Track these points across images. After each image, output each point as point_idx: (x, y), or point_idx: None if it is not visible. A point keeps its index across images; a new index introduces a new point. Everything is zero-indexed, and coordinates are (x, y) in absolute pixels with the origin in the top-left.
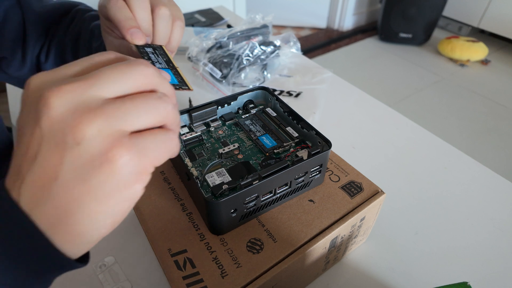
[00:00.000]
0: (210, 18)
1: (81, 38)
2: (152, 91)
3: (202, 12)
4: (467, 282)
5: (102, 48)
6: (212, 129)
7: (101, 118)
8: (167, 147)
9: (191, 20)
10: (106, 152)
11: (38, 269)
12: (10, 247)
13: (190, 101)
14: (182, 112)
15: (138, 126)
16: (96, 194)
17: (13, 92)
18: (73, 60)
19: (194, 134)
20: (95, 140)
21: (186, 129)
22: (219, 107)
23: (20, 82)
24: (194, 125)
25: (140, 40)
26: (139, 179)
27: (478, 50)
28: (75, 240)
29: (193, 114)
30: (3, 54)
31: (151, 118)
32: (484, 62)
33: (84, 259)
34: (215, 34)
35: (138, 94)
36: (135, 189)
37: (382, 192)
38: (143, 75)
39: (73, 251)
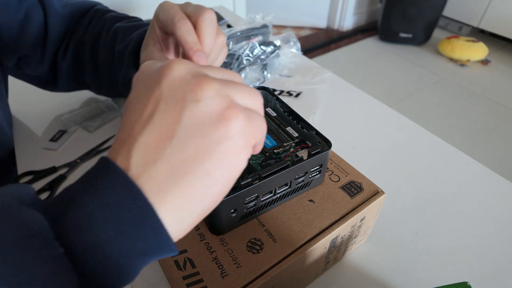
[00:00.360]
0: None
1: (101, 38)
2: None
3: None
4: (467, 282)
5: (125, 51)
6: None
7: (218, 83)
8: (263, 128)
9: None
10: (222, 110)
11: (133, 249)
12: (114, 218)
13: None
14: None
15: (242, 101)
16: (212, 153)
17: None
18: (90, 59)
19: None
20: (213, 99)
21: None
22: None
23: (35, 80)
24: None
25: (203, 63)
26: (246, 147)
27: (478, 50)
28: (183, 209)
29: None
30: (24, 53)
31: (249, 99)
32: (484, 62)
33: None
34: None
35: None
36: (242, 157)
37: (382, 192)
38: (260, 100)
39: (173, 227)
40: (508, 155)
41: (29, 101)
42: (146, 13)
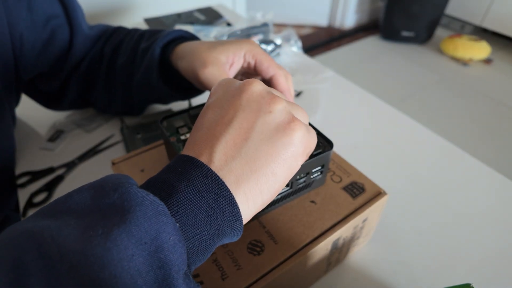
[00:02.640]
0: (210, 16)
1: (123, 45)
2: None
3: (201, 11)
4: (470, 284)
5: (151, 45)
6: None
7: (285, 101)
8: (315, 140)
9: (190, 18)
10: (289, 121)
11: (217, 227)
12: (206, 203)
13: (189, 101)
14: (181, 112)
15: (300, 119)
16: (278, 156)
17: None
18: (106, 69)
19: None
20: (281, 112)
21: (185, 129)
22: None
23: (43, 97)
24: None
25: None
26: (303, 154)
27: (481, 49)
28: (250, 199)
29: (192, 114)
30: (43, 70)
31: (305, 119)
32: (487, 61)
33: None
34: (215, 32)
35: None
36: (299, 162)
37: (385, 193)
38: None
39: (242, 214)
40: (511, 155)
41: (28, 101)
42: (145, 13)
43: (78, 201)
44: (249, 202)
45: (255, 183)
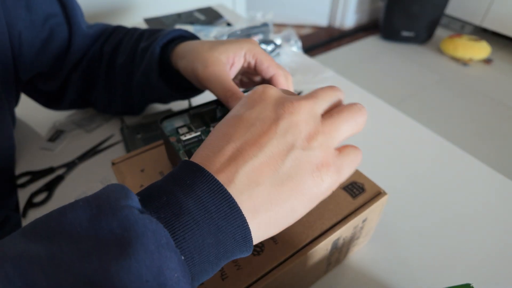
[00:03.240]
0: (210, 16)
1: (123, 44)
2: (351, 104)
3: (201, 11)
4: (470, 284)
5: (151, 44)
6: (212, 129)
7: (323, 135)
8: (355, 165)
9: (190, 18)
10: (320, 164)
11: (226, 250)
12: (213, 222)
13: (189, 100)
14: (181, 112)
15: (343, 138)
16: (301, 195)
17: None
18: (106, 68)
19: (193, 134)
20: (315, 151)
21: (185, 129)
22: (219, 106)
23: (43, 97)
24: (194, 125)
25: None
26: (327, 193)
27: (481, 49)
28: (262, 229)
29: (192, 114)
30: (42, 69)
31: (353, 129)
32: (487, 61)
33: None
34: (215, 32)
35: (343, 107)
36: (319, 201)
37: (385, 193)
38: (341, 92)
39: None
40: (511, 155)
41: (27, 101)
42: (145, 13)
43: (73, 221)
44: (260, 231)
45: (273, 216)
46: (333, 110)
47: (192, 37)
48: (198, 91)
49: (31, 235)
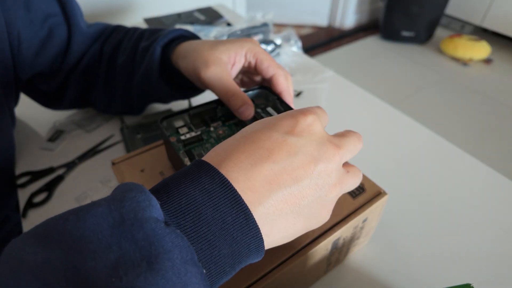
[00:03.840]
0: (210, 16)
1: (123, 44)
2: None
3: (201, 10)
4: (470, 284)
5: (152, 44)
6: (212, 129)
7: (340, 186)
8: (355, 184)
9: (190, 18)
10: (336, 182)
11: (240, 260)
12: (229, 233)
13: (189, 100)
14: (181, 112)
15: (348, 158)
16: (311, 224)
17: None
18: (106, 67)
19: (193, 134)
20: (333, 198)
21: (185, 129)
22: (219, 106)
23: (43, 97)
24: (194, 124)
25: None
26: (332, 208)
27: (481, 49)
28: (271, 243)
29: (192, 114)
30: (42, 69)
31: (352, 155)
32: (487, 61)
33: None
34: (215, 32)
35: (356, 169)
36: (328, 215)
37: (385, 193)
38: (362, 143)
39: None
40: (511, 155)
41: (27, 101)
42: (145, 13)
43: (93, 228)
44: (269, 245)
45: (283, 237)
46: (350, 168)
47: (193, 36)
48: (198, 90)
49: (48, 241)
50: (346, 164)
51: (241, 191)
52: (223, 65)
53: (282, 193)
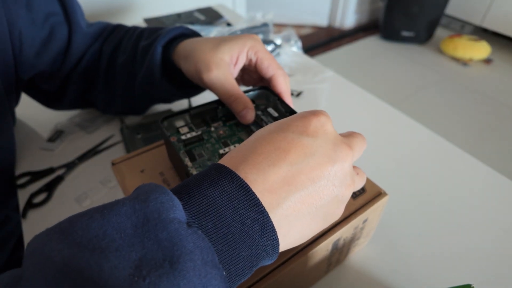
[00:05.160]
0: (210, 16)
1: (122, 43)
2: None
3: (201, 11)
4: (471, 285)
5: (153, 43)
6: (213, 129)
7: (353, 187)
8: (362, 185)
9: (190, 18)
10: (350, 182)
11: (258, 262)
12: (248, 236)
13: (189, 100)
14: (182, 112)
15: (356, 159)
16: (325, 224)
17: None
18: (106, 67)
19: (194, 134)
20: (347, 197)
21: (186, 129)
22: (220, 106)
23: (44, 96)
24: (195, 124)
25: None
26: (344, 207)
27: (481, 49)
28: (290, 240)
29: (193, 114)
30: (42, 68)
31: (361, 154)
32: (487, 61)
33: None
34: (215, 32)
35: (360, 138)
36: (340, 214)
37: (385, 194)
38: (366, 142)
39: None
40: (511, 155)
41: (28, 101)
42: (145, 13)
43: (117, 227)
44: (285, 241)
45: (297, 239)
46: (358, 170)
47: (194, 34)
48: (200, 89)
49: (73, 238)
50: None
51: (259, 193)
52: (225, 67)
53: (300, 194)
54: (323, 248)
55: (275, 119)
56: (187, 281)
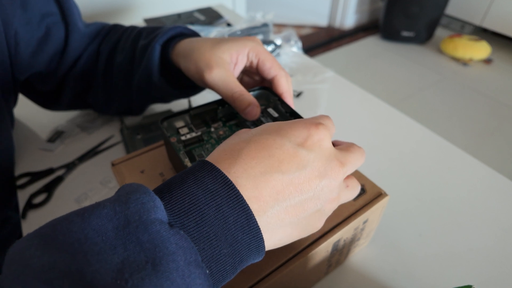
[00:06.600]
0: (210, 16)
1: (120, 43)
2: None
3: (201, 11)
4: (472, 286)
5: (151, 42)
6: (213, 130)
7: (338, 201)
8: (352, 197)
9: (190, 18)
10: (336, 197)
11: (241, 259)
12: (230, 233)
13: (189, 101)
14: (181, 113)
15: (350, 173)
16: (305, 233)
17: None
18: (104, 67)
19: (194, 135)
20: (330, 210)
21: (186, 130)
22: (220, 107)
23: (40, 97)
24: (194, 125)
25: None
26: (325, 219)
27: (481, 49)
28: (269, 244)
29: (193, 114)
30: (39, 69)
31: (356, 168)
32: (487, 61)
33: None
34: (215, 33)
35: (356, 184)
36: (320, 226)
37: (385, 194)
38: (364, 157)
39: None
40: (511, 155)
41: (27, 102)
42: (145, 13)
43: (98, 230)
44: (273, 242)
45: (277, 243)
46: (350, 183)
47: (193, 34)
48: (199, 88)
49: (53, 243)
50: (346, 177)
51: (248, 199)
52: (226, 66)
53: (286, 204)
54: (323, 249)
55: (275, 119)
56: (171, 282)
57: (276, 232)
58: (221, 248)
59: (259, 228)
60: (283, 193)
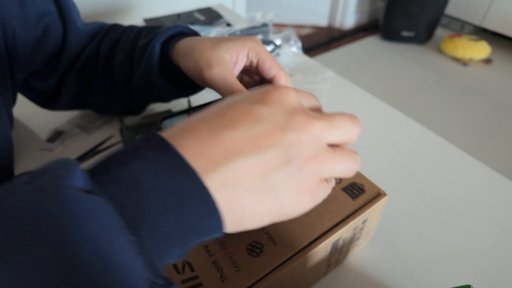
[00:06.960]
0: (210, 16)
1: (120, 43)
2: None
3: (201, 11)
4: (471, 285)
5: (151, 41)
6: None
7: (320, 163)
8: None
9: (190, 18)
10: (306, 189)
11: (191, 227)
12: (171, 198)
13: (189, 101)
14: (181, 112)
15: (334, 175)
16: (274, 209)
17: None
18: (103, 67)
19: None
20: (306, 175)
21: None
22: None
23: (39, 97)
24: None
25: None
26: (297, 215)
27: (481, 49)
28: (239, 216)
29: (192, 114)
30: (37, 68)
31: (346, 171)
32: (487, 61)
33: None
34: (215, 33)
35: (347, 150)
36: (285, 219)
37: (385, 194)
38: (359, 127)
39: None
40: (511, 155)
41: (27, 102)
42: (145, 13)
43: (14, 204)
44: (232, 215)
45: (239, 218)
46: (338, 148)
47: (193, 33)
48: (198, 88)
49: None
50: (338, 146)
51: (192, 158)
52: (226, 65)
53: (242, 162)
54: (322, 249)
55: None
56: (79, 245)
57: (240, 197)
58: (163, 215)
59: (207, 188)
60: (236, 150)
